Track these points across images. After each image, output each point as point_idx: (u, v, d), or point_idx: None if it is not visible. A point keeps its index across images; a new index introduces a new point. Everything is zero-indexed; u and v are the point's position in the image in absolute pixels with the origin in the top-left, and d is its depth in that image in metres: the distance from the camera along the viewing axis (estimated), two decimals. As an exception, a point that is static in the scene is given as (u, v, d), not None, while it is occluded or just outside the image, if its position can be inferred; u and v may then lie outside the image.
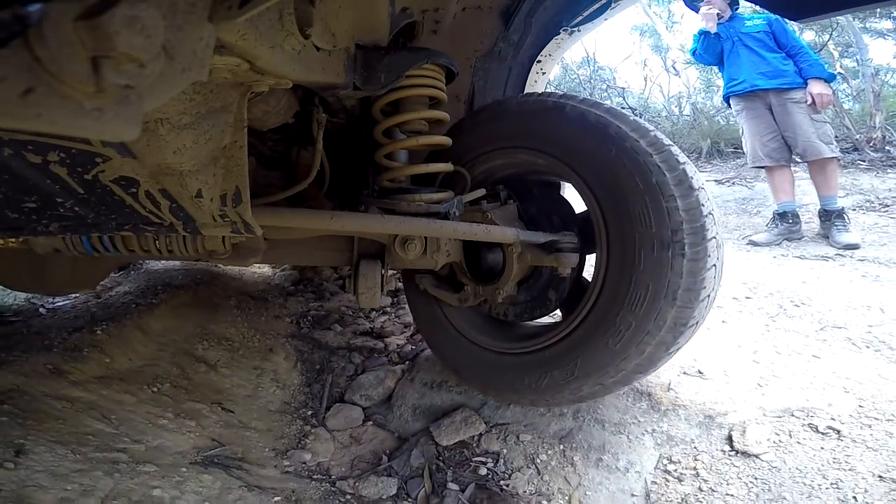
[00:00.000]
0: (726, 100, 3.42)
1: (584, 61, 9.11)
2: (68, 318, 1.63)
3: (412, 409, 1.40)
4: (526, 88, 1.54)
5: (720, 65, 3.37)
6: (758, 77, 3.09)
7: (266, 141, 1.17)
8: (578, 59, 9.22)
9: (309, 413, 1.47)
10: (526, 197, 1.24)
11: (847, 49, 7.16)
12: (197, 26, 0.37)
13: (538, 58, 1.49)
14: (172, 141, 0.56)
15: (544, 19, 1.41)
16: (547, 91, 1.19)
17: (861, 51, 6.41)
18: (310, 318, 2.05)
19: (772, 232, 3.15)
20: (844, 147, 4.98)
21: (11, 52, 0.25)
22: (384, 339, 1.86)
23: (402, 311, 2.10)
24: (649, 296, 0.92)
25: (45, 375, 1.18)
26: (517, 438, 1.20)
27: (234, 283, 2.30)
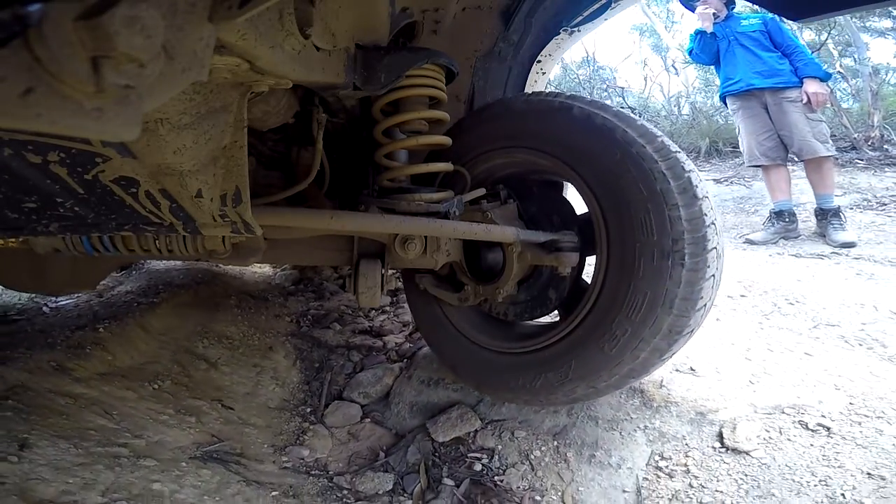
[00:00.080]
0: (723, 99, 3.44)
1: (584, 61, 9.13)
2: (71, 317, 1.65)
3: (409, 407, 1.42)
4: (526, 88, 1.53)
5: (717, 64, 3.39)
6: (754, 76, 3.11)
7: (266, 141, 1.16)
8: (578, 59, 9.25)
9: (308, 410, 1.49)
10: (526, 196, 1.23)
11: (847, 48, 7.16)
12: (197, 26, 0.37)
13: (538, 58, 1.48)
14: (172, 141, 0.56)
15: (544, 19, 1.41)
16: (554, 91, 1.17)
17: (859, 49, 6.42)
18: (309, 317, 2.06)
19: (768, 230, 3.16)
20: (843, 146, 5.00)
21: (11, 52, 0.25)
22: (383, 338, 1.87)
23: (401, 310, 2.10)
24: (646, 303, 0.92)
25: (49, 372, 1.20)
26: (512, 435, 1.22)
27: (235, 283, 2.31)
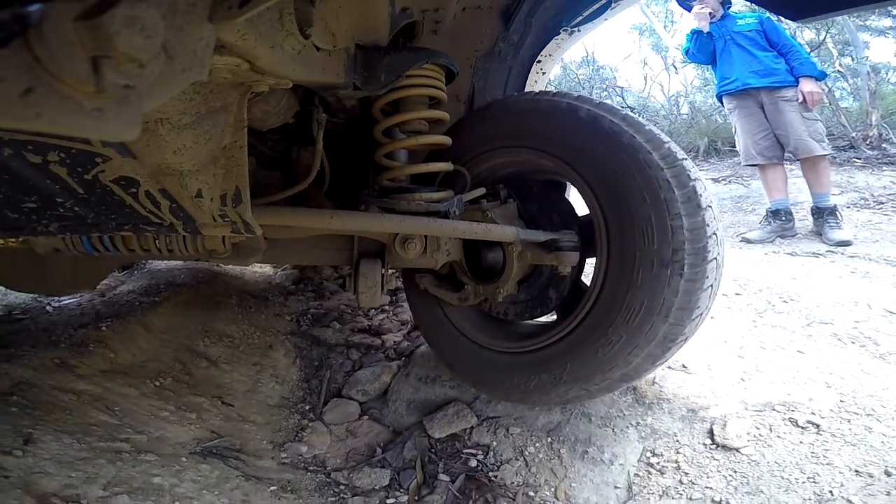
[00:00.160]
0: (719, 98, 3.45)
1: (584, 61, 9.14)
2: (74, 316, 1.66)
3: (407, 404, 1.43)
4: (526, 88, 1.52)
5: (713, 64, 3.40)
6: (750, 75, 3.12)
7: (266, 141, 1.17)
8: (578, 59, 9.26)
9: (307, 407, 1.50)
10: (526, 195, 1.23)
11: (846, 47, 7.16)
12: (197, 26, 0.37)
13: (538, 58, 1.48)
14: (172, 141, 0.56)
15: (544, 19, 1.40)
16: (560, 91, 1.15)
17: (857, 49, 6.42)
18: (309, 316, 2.07)
19: (765, 229, 3.18)
20: (841, 145, 5.01)
21: (11, 52, 0.25)
22: (381, 336, 1.88)
23: (400, 309, 2.12)
24: (643, 311, 0.92)
25: (53, 369, 1.22)
26: (507, 431, 1.23)
27: (236, 282, 2.32)
